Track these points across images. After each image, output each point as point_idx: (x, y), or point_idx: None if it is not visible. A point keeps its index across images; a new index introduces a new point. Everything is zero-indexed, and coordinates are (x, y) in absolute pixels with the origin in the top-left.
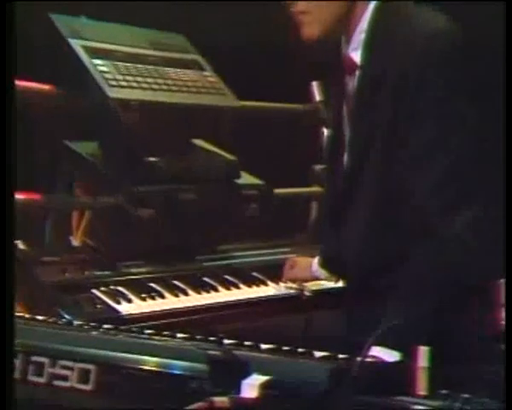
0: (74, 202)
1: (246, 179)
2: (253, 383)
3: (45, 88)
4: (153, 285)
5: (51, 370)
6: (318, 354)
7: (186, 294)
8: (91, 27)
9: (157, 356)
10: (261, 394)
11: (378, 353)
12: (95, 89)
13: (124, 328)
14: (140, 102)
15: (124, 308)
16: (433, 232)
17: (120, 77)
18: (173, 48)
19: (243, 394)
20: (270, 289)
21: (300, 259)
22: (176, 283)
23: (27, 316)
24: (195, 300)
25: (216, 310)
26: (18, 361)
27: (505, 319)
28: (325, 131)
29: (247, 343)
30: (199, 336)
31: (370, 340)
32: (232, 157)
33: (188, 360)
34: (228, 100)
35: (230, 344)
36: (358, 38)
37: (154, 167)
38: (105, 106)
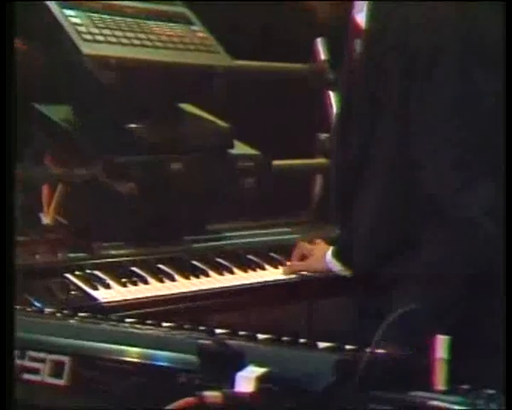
0: (45, 174)
1: (240, 149)
2: (249, 376)
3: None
4: (134, 269)
5: (20, 362)
6: (322, 345)
7: (172, 279)
8: None
9: (140, 346)
10: (258, 388)
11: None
12: (67, 44)
13: (102, 316)
14: (118, 60)
15: (101, 295)
16: (447, 216)
17: (96, 30)
18: None
19: (238, 388)
20: (267, 273)
21: (312, 247)
22: (161, 267)
23: None
24: (183, 286)
25: (206, 298)
26: None
27: (505, 319)
28: (331, 94)
29: (242, 333)
30: (187, 325)
31: (381, 327)
32: (225, 124)
33: (175, 351)
34: (220, 59)
35: (223, 334)
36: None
37: (136, 135)
38: (79, 64)
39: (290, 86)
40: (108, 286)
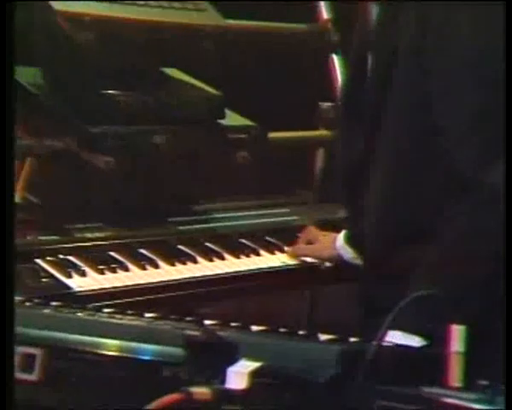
0: None
1: (233, 120)
2: (242, 370)
3: None
4: (113, 254)
5: None
6: (324, 337)
7: (156, 266)
8: None
9: (120, 339)
10: (251, 383)
11: (397, 338)
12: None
13: (77, 305)
14: (94, 18)
15: (76, 283)
16: (470, 185)
17: None
18: None
19: (229, 383)
20: (263, 260)
21: (320, 233)
22: (143, 252)
23: None
24: (168, 273)
25: (194, 287)
26: None
27: (505, 320)
28: (335, 58)
29: (234, 324)
30: (173, 315)
31: (391, 314)
32: (215, 91)
33: (159, 343)
34: (210, 17)
35: (213, 325)
36: None
37: (115, 103)
38: (50, 22)
39: (289, 49)
40: (84, 273)
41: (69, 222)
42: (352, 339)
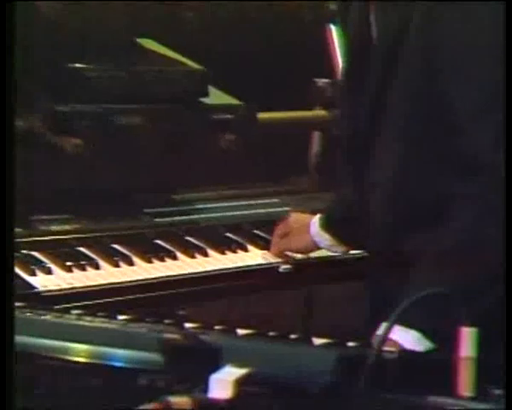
0: None
1: (217, 98)
2: (226, 378)
3: None
4: (82, 250)
5: None
6: (319, 342)
7: (131, 263)
8: None
9: (90, 343)
10: (237, 392)
11: (400, 335)
12: None
13: (42, 307)
14: None
15: (40, 282)
16: (480, 170)
17: None
18: None
19: (212, 392)
20: (251, 256)
21: (295, 219)
22: (116, 247)
23: None
24: (144, 271)
25: (174, 286)
26: None
27: (506, 319)
28: (333, 29)
29: (218, 327)
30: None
31: (393, 315)
32: (198, 66)
33: (134, 348)
34: None
35: (195, 328)
36: None
37: (84, 78)
38: None
39: (281, 19)
40: (49, 271)
41: (33, 213)
42: (351, 343)
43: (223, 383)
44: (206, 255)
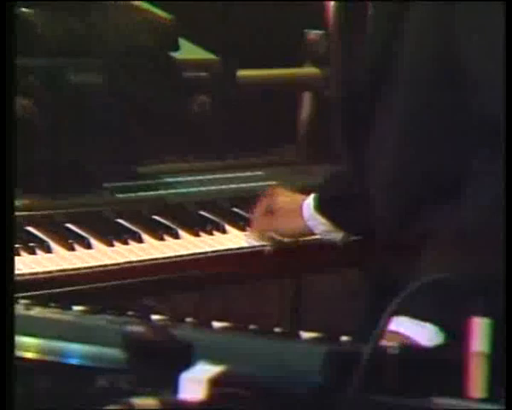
0: None
1: (189, 53)
2: (199, 377)
3: None
4: (31, 230)
5: None
6: (306, 336)
7: (88, 246)
8: None
9: (41, 337)
10: (211, 393)
11: (403, 326)
12: None
13: None
14: None
15: None
16: (497, 143)
17: None
18: None
19: (183, 393)
20: (230, 238)
21: (284, 198)
22: (70, 227)
23: None
24: (105, 256)
25: (139, 273)
26: None
27: (506, 319)
28: None
29: (190, 320)
30: (111, 308)
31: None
32: (166, 14)
33: (93, 343)
34: None
35: (163, 320)
36: None
37: (34, 29)
38: None
39: None
40: None
41: None
42: (344, 338)
43: (195, 382)
44: (176, 237)
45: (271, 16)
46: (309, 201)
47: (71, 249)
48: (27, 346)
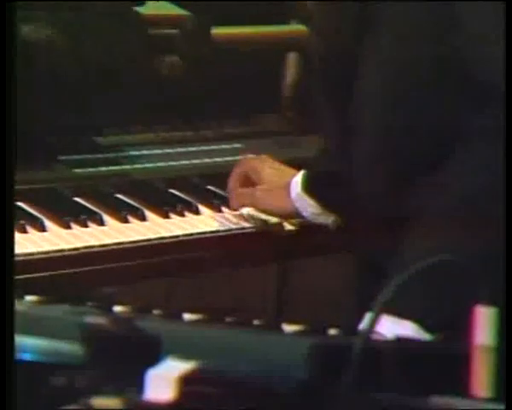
0: None
1: (158, 8)
2: (168, 374)
3: None
4: None
5: None
6: (290, 329)
7: (42, 228)
8: None
9: None
10: (181, 392)
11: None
12: None
13: None
14: None
15: None
16: (497, 96)
17: None
18: None
19: (149, 393)
20: (203, 220)
21: (270, 171)
22: (21, 206)
23: None
24: (60, 239)
25: (100, 258)
26: None
27: (505, 319)
28: None
29: (158, 311)
30: (67, 297)
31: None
32: None
33: (47, 336)
34: None
35: (127, 311)
36: None
37: None
38: None
39: None
40: None
41: None
42: (332, 331)
43: (163, 380)
44: (142, 219)
45: None
46: (297, 179)
47: (22, 232)
48: None
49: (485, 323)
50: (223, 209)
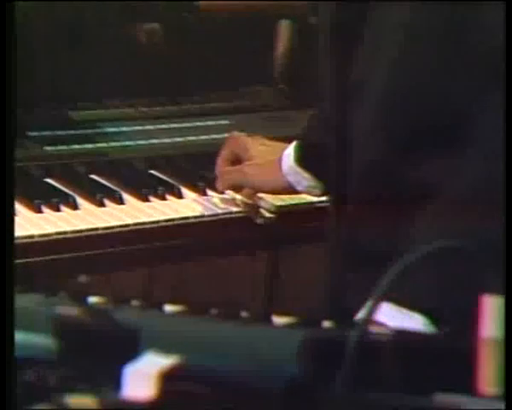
0: None
1: None
2: (147, 370)
3: None
4: None
5: None
6: (280, 321)
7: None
8: None
9: None
10: (162, 390)
11: (385, 315)
12: None
13: None
14: None
15: None
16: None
17: None
18: None
19: (127, 390)
20: (187, 204)
21: (259, 147)
22: None
23: None
24: (30, 224)
25: (73, 245)
26: None
27: (505, 318)
28: None
29: (137, 302)
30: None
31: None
32: None
33: (17, 329)
34: None
35: (102, 302)
36: None
37: None
38: None
39: None
40: None
41: None
42: (327, 323)
43: (142, 377)
44: (120, 203)
45: None
46: (289, 151)
47: None
48: None
49: (491, 314)
50: (208, 192)
